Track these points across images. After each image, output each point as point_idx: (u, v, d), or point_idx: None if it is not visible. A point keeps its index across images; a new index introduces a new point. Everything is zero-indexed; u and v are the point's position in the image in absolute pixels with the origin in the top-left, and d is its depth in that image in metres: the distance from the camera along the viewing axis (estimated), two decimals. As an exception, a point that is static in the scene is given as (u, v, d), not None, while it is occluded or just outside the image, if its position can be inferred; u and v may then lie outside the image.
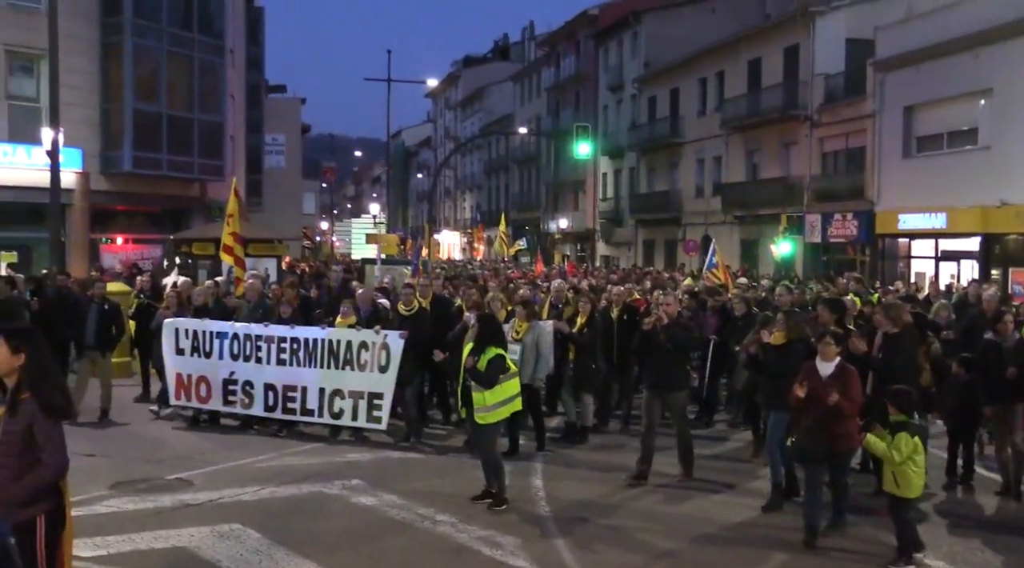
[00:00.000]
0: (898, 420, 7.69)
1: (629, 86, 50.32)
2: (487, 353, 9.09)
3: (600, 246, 54.89)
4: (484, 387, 9.02)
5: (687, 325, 10.76)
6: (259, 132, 49.22)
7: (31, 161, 24.05)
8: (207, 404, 12.78)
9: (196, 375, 12.72)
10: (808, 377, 8.20)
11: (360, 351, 11.79)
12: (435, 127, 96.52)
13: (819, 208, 33.25)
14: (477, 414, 9.10)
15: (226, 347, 12.57)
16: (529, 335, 11.65)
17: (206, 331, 12.76)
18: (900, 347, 9.63)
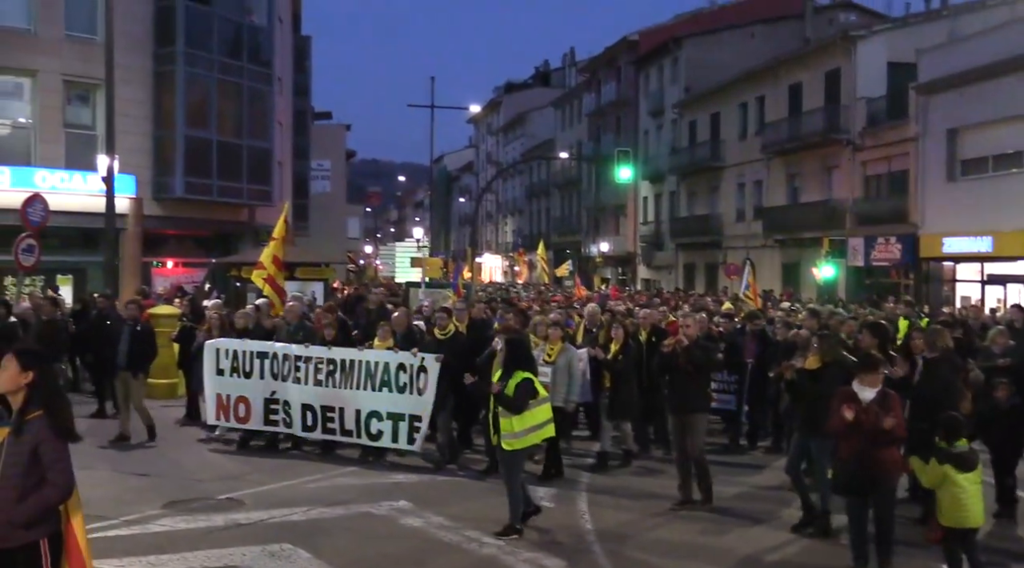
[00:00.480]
0: (940, 447, 7.56)
1: (669, 111, 50.46)
2: (515, 377, 8.89)
3: (641, 269, 54.90)
4: (512, 412, 8.79)
5: (708, 347, 10.58)
6: (305, 158, 50.01)
7: (87, 187, 24.79)
8: (246, 424, 12.83)
9: (235, 395, 12.78)
10: (847, 402, 7.80)
11: (398, 373, 11.77)
12: (477, 152, 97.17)
13: (862, 232, 33.08)
14: (504, 440, 8.87)
15: (266, 367, 12.62)
16: (561, 357, 11.54)
17: (246, 351, 12.84)
18: (938, 373, 9.38)
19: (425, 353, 11.75)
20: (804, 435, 9.36)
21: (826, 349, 9.29)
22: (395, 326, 12.69)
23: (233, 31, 29.53)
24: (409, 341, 12.27)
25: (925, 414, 8.79)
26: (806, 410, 9.33)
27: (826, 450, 9.01)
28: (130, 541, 8.45)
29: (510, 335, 10.46)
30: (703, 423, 10.34)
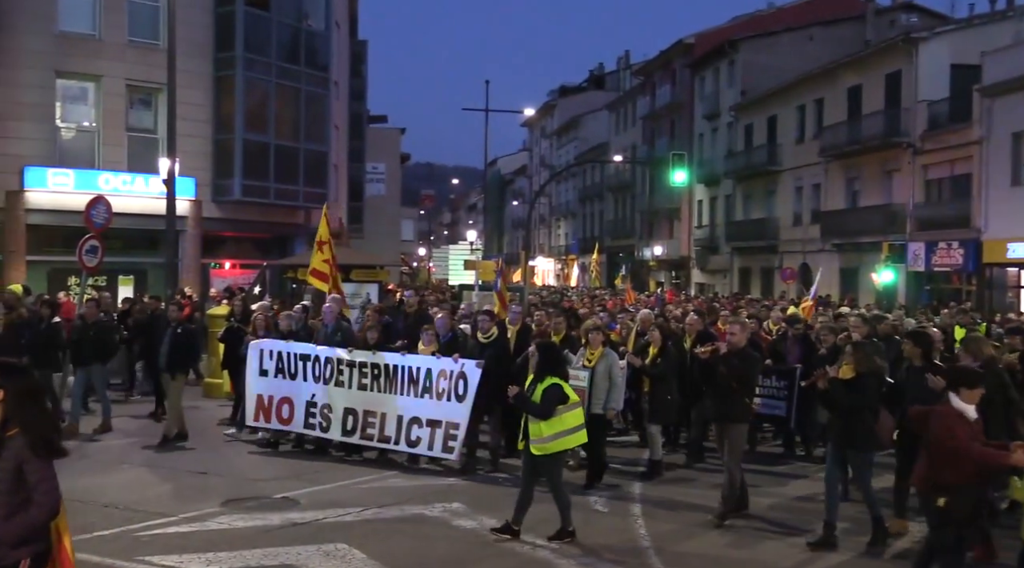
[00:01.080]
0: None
1: (725, 114, 50.04)
2: (544, 382, 8.76)
3: (695, 274, 54.50)
4: (539, 418, 8.67)
5: (750, 356, 10.18)
6: (361, 161, 50.51)
7: (148, 189, 25.27)
8: (288, 425, 12.77)
9: (279, 397, 12.74)
10: (962, 423, 6.72)
11: (439, 379, 11.60)
12: (531, 155, 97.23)
13: (922, 236, 32.52)
14: (533, 445, 8.74)
15: (310, 369, 12.60)
16: (602, 363, 11.25)
17: (291, 353, 12.83)
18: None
19: (466, 358, 11.59)
20: (838, 447, 9.08)
21: (860, 358, 9.02)
22: (440, 329, 12.56)
23: (291, 36, 29.90)
24: (452, 344, 12.15)
25: None
26: (840, 421, 9.04)
27: (865, 464, 8.84)
28: (188, 538, 8.58)
29: (543, 340, 10.45)
30: (741, 434, 10.02)
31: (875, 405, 9.22)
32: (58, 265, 24.64)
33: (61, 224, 24.22)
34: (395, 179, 60.95)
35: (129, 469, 11.49)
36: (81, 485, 10.51)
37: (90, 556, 7.92)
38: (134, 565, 7.73)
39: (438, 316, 13.27)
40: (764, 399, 12.67)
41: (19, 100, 24.65)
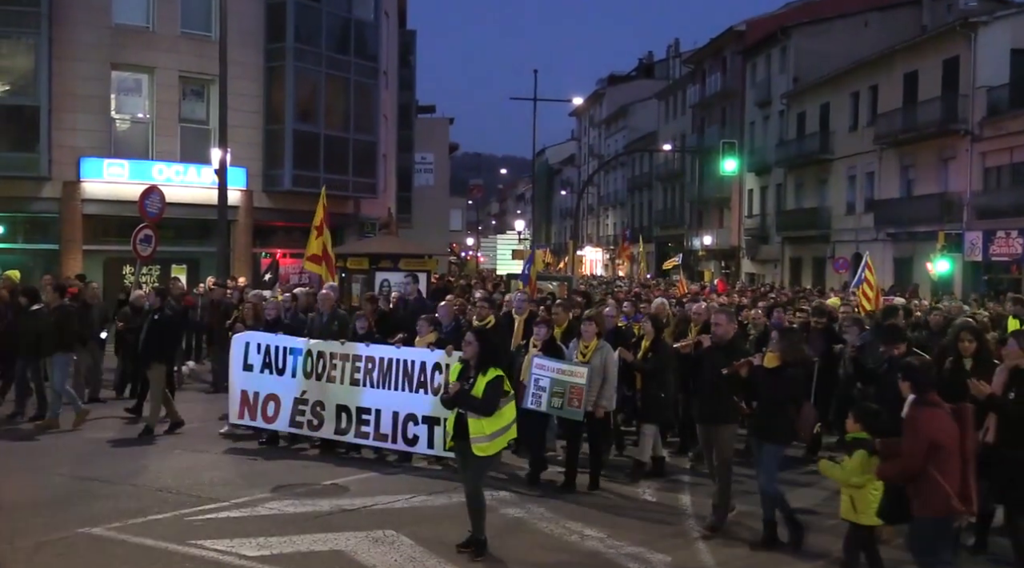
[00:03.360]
0: (856, 437, 7.07)
1: (777, 102, 49.40)
2: (487, 374, 7.85)
3: (745, 263, 53.97)
4: (483, 414, 7.80)
5: (737, 349, 9.15)
6: (409, 151, 50.63)
7: (201, 179, 25.61)
8: (272, 424, 11.97)
9: (265, 393, 11.96)
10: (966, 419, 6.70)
11: (434, 373, 10.84)
12: (579, 145, 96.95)
13: (980, 225, 31.86)
14: (475, 445, 7.84)
15: (299, 364, 11.78)
16: (596, 357, 10.26)
17: (279, 347, 11.99)
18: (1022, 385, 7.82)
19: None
20: (759, 438, 8.58)
21: (787, 347, 8.56)
22: (443, 318, 11.83)
23: (340, 26, 30.04)
24: (458, 334, 11.10)
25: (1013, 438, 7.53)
26: (760, 413, 8.63)
27: (775, 457, 8.42)
28: (240, 523, 8.67)
29: (479, 327, 9.59)
30: (730, 434, 9.23)
31: (798, 396, 8.79)
32: (113, 254, 25.08)
33: (116, 214, 24.65)
34: (444, 169, 61.09)
35: (181, 455, 11.63)
36: (134, 469, 10.70)
37: (143, 539, 8.06)
38: (187, 549, 7.82)
39: (441, 304, 12.52)
40: None
41: (75, 92, 25.06)
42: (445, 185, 62.19)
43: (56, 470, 10.61)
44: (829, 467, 7.23)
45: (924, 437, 6.34)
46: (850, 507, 7.05)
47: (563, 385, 10.07)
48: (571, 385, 10.02)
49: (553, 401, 10.13)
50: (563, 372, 10.11)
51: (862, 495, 6.98)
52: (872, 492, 6.93)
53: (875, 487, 6.91)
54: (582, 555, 8.14)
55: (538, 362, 10.31)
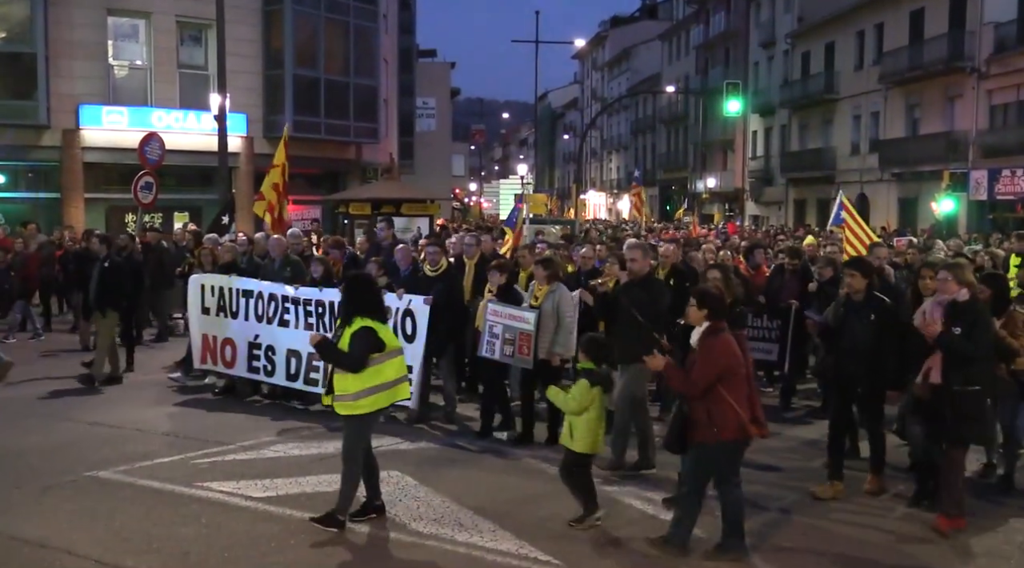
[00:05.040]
0: (585, 367, 7.20)
1: (781, 42, 48.84)
2: (352, 325, 7.10)
3: (749, 205, 53.79)
4: (348, 369, 7.06)
5: (654, 285, 8.88)
6: (411, 96, 50.29)
7: (200, 126, 25.46)
8: (232, 369, 11.61)
9: (221, 337, 11.61)
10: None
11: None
12: (582, 88, 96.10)
13: (985, 164, 31.64)
14: (338, 403, 7.14)
15: (251, 307, 11.37)
16: (548, 300, 9.52)
17: (232, 288, 11.58)
18: (965, 320, 7.30)
19: (413, 295, 10.22)
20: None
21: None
22: (400, 261, 11.27)
23: (339, -32, 29.64)
24: (414, 280, 10.72)
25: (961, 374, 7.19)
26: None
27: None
28: (246, 465, 8.74)
29: (353, 272, 9.00)
30: (644, 376, 8.74)
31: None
32: (115, 202, 25.06)
33: (116, 162, 24.59)
34: (445, 114, 60.72)
35: (185, 400, 11.70)
36: (139, 416, 10.77)
37: (151, 482, 8.13)
38: (193, 490, 7.89)
39: (399, 247, 11.76)
40: (754, 342, 11.12)
41: (71, 39, 24.82)
42: (447, 130, 61.88)
43: (63, 416, 10.69)
44: (555, 394, 7.34)
45: (717, 363, 6.46)
46: (568, 434, 7.18)
47: (513, 331, 9.56)
48: (519, 331, 9.49)
49: (505, 349, 9.66)
50: (513, 318, 9.62)
51: (579, 423, 7.10)
52: (588, 421, 7.09)
53: (592, 417, 7.12)
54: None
55: (492, 308, 9.82)
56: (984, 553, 6.95)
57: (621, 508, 7.73)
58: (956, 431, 7.24)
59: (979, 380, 7.18)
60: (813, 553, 6.86)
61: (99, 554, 6.51)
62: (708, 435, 6.46)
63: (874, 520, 7.57)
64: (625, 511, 7.69)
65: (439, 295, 10.18)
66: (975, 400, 7.17)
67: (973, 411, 7.17)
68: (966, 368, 7.16)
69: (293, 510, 7.49)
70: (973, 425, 7.22)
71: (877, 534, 7.26)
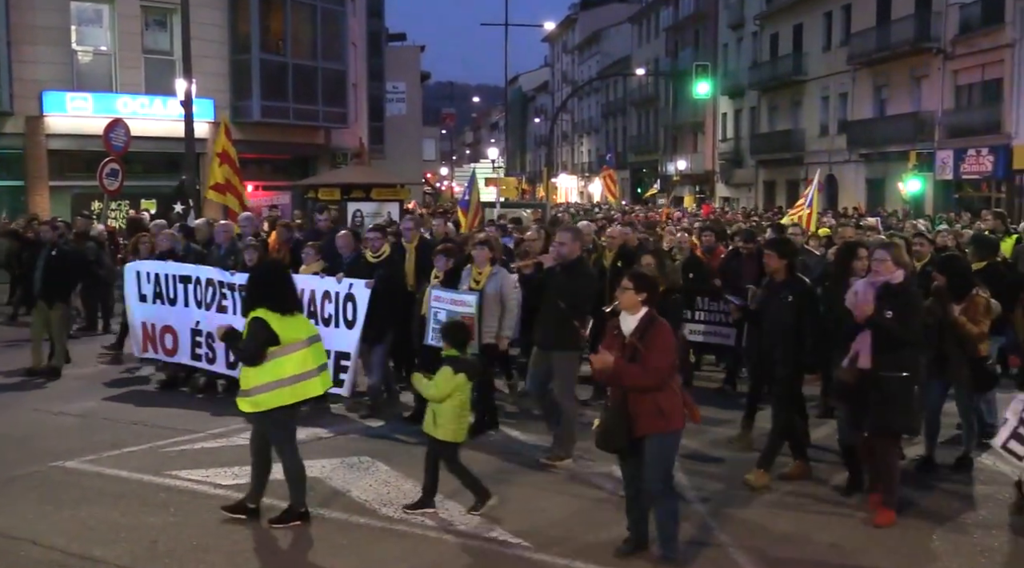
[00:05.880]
0: (448, 354, 7.17)
1: (750, 23, 48.97)
2: (248, 316, 6.87)
3: (720, 188, 54.02)
4: (244, 362, 6.90)
5: (581, 271, 8.61)
6: (380, 80, 49.92)
7: (167, 112, 25.13)
8: (174, 357, 11.28)
9: (161, 325, 11.29)
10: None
11: (324, 303, 9.98)
12: (552, 71, 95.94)
13: (951, 144, 31.96)
14: (238, 398, 6.95)
15: (190, 293, 11.04)
16: (491, 283, 9.29)
17: (169, 275, 11.26)
18: (898, 302, 7.01)
19: (354, 279, 9.94)
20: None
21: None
22: (342, 248, 10.80)
23: (304, -49, 29.34)
24: (357, 265, 10.42)
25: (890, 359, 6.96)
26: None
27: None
28: (215, 453, 8.70)
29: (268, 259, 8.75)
30: (570, 365, 8.62)
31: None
32: (81, 190, 24.73)
33: (81, 148, 24.27)
34: (416, 98, 60.37)
35: (154, 389, 11.63)
36: (107, 405, 10.70)
37: (118, 471, 8.09)
38: (162, 479, 7.85)
39: (341, 233, 11.34)
40: (710, 326, 11.03)
41: (33, 23, 24.39)
42: (418, 114, 61.53)
43: (29, 406, 10.59)
44: (418, 380, 7.23)
45: (671, 349, 6.25)
46: (431, 421, 7.07)
47: (455, 316, 9.21)
48: (461, 315, 9.19)
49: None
50: (455, 302, 9.40)
51: (443, 410, 7.01)
52: (452, 409, 7.00)
53: (455, 404, 7.01)
54: (555, 477, 8.20)
55: (436, 294, 9.61)
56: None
57: (585, 489, 7.76)
58: (881, 418, 6.98)
59: (908, 366, 6.94)
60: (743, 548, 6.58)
61: (65, 544, 6.47)
62: (659, 425, 6.12)
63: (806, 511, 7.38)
64: (589, 492, 7.74)
65: (380, 281, 9.92)
66: (902, 386, 6.93)
67: (900, 398, 6.92)
68: (895, 353, 6.90)
69: (263, 498, 7.46)
70: (899, 412, 6.95)
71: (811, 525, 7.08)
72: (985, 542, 6.76)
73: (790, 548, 6.62)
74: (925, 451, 8.37)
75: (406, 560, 6.39)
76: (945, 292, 7.97)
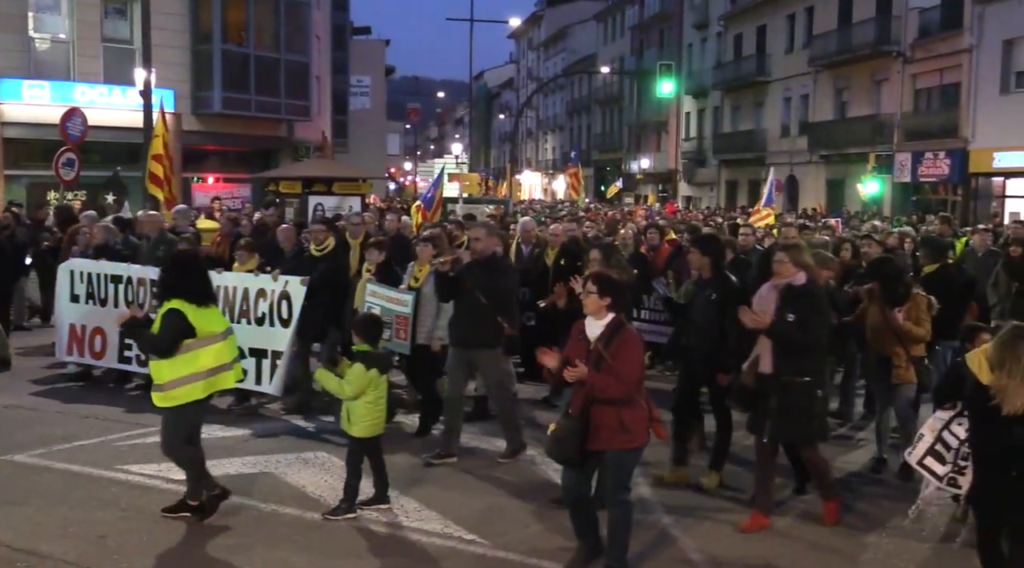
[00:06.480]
0: (360, 350, 7.03)
1: (714, 24, 49.28)
2: (162, 307, 6.70)
3: (682, 187, 54.33)
4: (156, 354, 6.65)
5: (500, 266, 8.51)
6: (344, 73, 49.68)
7: (126, 101, 24.78)
8: (101, 360, 10.93)
9: (91, 327, 10.88)
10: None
11: (258, 300, 9.61)
12: (518, 68, 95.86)
13: (910, 147, 32.38)
14: (153, 392, 6.81)
15: (121, 293, 10.68)
16: (428, 284, 8.96)
17: (102, 274, 10.88)
18: (799, 305, 6.78)
19: (290, 276, 9.59)
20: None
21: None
22: (283, 243, 10.65)
23: (269, -58, 29.08)
24: (299, 262, 10.17)
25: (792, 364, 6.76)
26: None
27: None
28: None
29: (182, 250, 8.51)
30: (495, 361, 8.49)
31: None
32: (37, 179, 24.34)
33: (38, 137, 23.88)
34: (380, 93, 60.08)
35: (109, 382, 11.43)
36: (59, 397, 10.53)
37: (69, 465, 7.97)
38: (113, 473, 7.75)
39: (282, 227, 11.12)
40: (651, 325, 10.93)
41: (-11, 10, 24.00)
42: (382, 109, 61.24)
43: (-22, 399, 10.41)
44: (325, 377, 7.01)
45: (641, 357, 5.95)
46: (346, 419, 6.99)
47: (390, 314, 9.11)
48: (397, 314, 9.10)
49: (384, 332, 9.25)
50: (391, 300, 9.23)
51: (357, 407, 6.92)
52: (366, 405, 6.92)
53: (369, 400, 6.92)
54: (515, 471, 8.16)
55: (371, 289, 9.46)
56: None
57: (545, 488, 7.76)
58: (780, 426, 6.77)
59: (809, 371, 6.72)
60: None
61: (11, 539, 6.37)
62: (621, 441, 5.78)
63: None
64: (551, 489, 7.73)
65: (322, 276, 9.64)
66: (804, 392, 6.71)
67: (801, 403, 6.71)
68: (797, 357, 6.68)
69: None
70: (800, 418, 6.74)
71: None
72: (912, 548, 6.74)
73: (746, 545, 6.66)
74: (877, 452, 8.38)
75: (360, 556, 6.36)
76: (879, 296, 7.83)
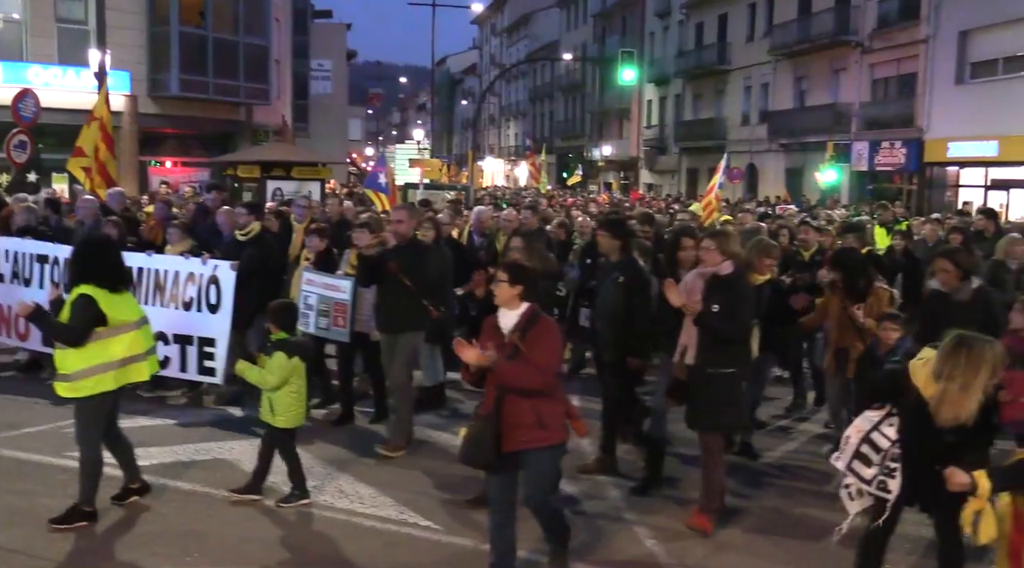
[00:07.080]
0: (278, 338, 6.90)
1: (677, 12, 49.42)
2: (72, 293, 6.33)
3: (644, 174, 54.52)
4: (65, 343, 6.28)
5: (424, 248, 8.40)
6: (305, 57, 49.16)
7: (81, 83, 24.38)
8: (26, 342, 10.51)
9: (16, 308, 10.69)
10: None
11: (187, 285, 9.27)
12: (480, 54, 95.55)
13: (867, 136, 32.73)
14: (57, 383, 6.41)
15: (47, 273, 10.23)
16: None
17: (25, 253, 10.49)
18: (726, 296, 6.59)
19: (219, 260, 9.30)
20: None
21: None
22: (224, 227, 10.25)
23: (228, -78, 28.69)
24: (235, 246, 9.82)
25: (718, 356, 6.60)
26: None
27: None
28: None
29: (90, 236, 8.29)
30: (413, 346, 8.37)
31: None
32: (-12, 161, 23.88)
33: (-11, 120, 23.42)
34: (342, 77, 59.52)
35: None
36: (8, 384, 10.37)
37: (15, 452, 7.86)
38: (62, 461, 7.62)
39: (221, 211, 10.75)
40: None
41: (-62, -12, 23.50)
42: (344, 94, 60.70)
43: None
44: (246, 368, 6.84)
45: (560, 349, 5.69)
46: (268, 410, 6.87)
47: (328, 302, 8.99)
48: (335, 301, 8.91)
49: (320, 320, 9.08)
50: (328, 287, 9.07)
51: (280, 397, 6.81)
52: (290, 394, 6.82)
53: (293, 390, 6.82)
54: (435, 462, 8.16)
55: (307, 277, 9.30)
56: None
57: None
58: (708, 416, 6.65)
59: (734, 362, 6.59)
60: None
61: (-44, 527, 6.27)
62: (538, 438, 5.37)
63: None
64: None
65: (248, 261, 9.28)
66: (729, 383, 6.57)
67: (726, 394, 6.58)
68: (723, 348, 6.55)
69: (167, 479, 7.34)
70: (725, 409, 6.61)
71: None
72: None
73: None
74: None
75: (317, 543, 6.35)
76: (840, 288, 7.64)
